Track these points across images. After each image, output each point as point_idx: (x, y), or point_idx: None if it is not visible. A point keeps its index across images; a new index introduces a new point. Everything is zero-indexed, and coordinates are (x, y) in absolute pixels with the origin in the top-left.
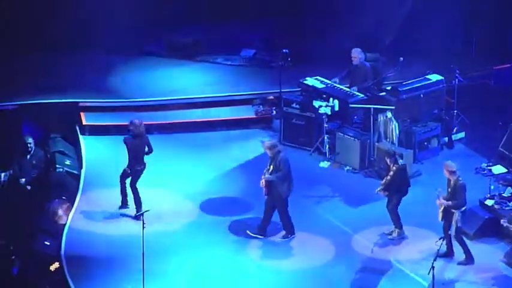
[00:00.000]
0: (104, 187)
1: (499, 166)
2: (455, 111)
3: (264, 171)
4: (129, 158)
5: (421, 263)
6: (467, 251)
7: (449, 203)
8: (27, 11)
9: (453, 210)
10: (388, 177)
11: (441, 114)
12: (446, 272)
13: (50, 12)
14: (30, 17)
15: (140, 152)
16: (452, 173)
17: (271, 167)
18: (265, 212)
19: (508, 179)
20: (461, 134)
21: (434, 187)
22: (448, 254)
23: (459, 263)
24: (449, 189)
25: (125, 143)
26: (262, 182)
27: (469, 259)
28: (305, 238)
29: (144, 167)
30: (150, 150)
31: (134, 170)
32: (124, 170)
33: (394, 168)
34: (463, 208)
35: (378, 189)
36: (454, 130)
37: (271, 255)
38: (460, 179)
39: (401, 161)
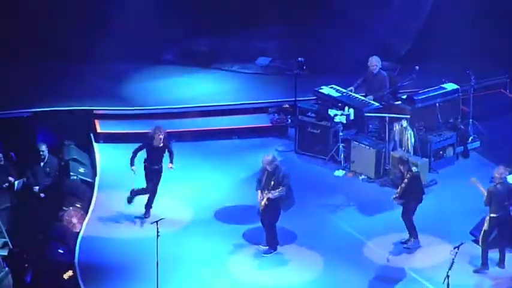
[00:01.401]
0: (118, 195)
1: None
2: (470, 120)
3: (260, 189)
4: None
5: (436, 272)
6: (485, 258)
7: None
8: (46, 19)
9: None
10: (403, 184)
11: (457, 123)
12: (462, 279)
13: (67, 21)
14: (48, 25)
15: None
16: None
17: (272, 182)
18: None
19: None
20: (477, 143)
21: (449, 196)
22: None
23: (475, 271)
24: None
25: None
26: (265, 201)
27: (484, 266)
28: (320, 247)
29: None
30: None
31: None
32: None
33: (408, 175)
34: (493, 215)
35: (393, 196)
36: (470, 139)
37: (284, 265)
38: (494, 185)
39: (415, 168)
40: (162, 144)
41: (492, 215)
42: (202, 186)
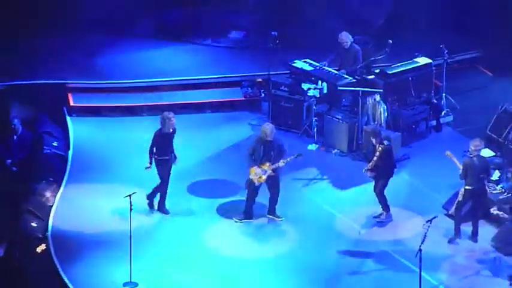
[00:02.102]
0: (91, 168)
1: (486, 149)
2: (443, 94)
3: (257, 164)
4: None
5: (409, 246)
6: (457, 229)
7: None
8: None
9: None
10: (375, 157)
11: (430, 98)
12: (435, 252)
13: None
14: None
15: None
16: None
17: (272, 152)
18: (252, 197)
19: (496, 162)
20: (450, 118)
21: (421, 170)
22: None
23: (449, 241)
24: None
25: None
26: (271, 172)
27: (457, 235)
28: (293, 220)
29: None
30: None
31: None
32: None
33: (379, 148)
34: (468, 187)
35: (365, 169)
36: (443, 113)
37: (257, 238)
38: (470, 158)
39: (386, 142)
40: (171, 129)
41: (467, 187)
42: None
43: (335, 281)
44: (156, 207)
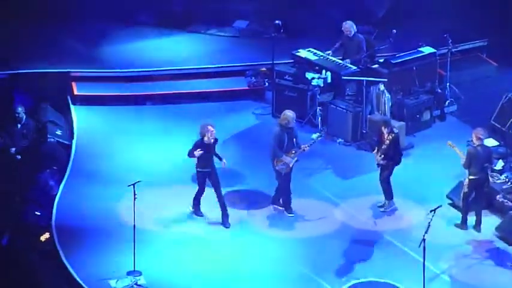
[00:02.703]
0: (95, 157)
1: (490, 139)
2: (447, 83)
3: (284, 154)
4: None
5: (413, 235)
6: (464, 217)
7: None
8: None
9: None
10: (384, 146)
11: (434, 87)
12: (439, 242)
13: None
14: None
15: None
16: (477, 139)
17: (295, 139)
18: (288, 187)
19: (500, 152)
20: (454, 107)
21: (426, 160)
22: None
23: (456, 225)
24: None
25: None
26: (296, 160)
27: (463, 225)
28: (296, 210)
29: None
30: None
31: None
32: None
33: (390, 137)
34: (472, 177)
35: (379, 158)
36: (447, 103)
37: (260, 227)
38: (474, 147)
39: (396, 130)
40: (213, 140)
41: (471, 177)
42: (180, 149)
43: (337, 270)
44: (201, 213)
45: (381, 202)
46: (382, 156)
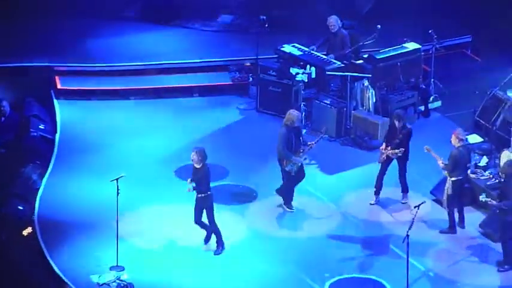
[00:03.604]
0: (78, 152)
1: (474, 135)
2: (432, 79)
3: (293, 153)
4: None
5: (396, 231)
6: (452, 221)
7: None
8: None
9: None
10: (397, 140)
11: (418, 83)
12: (423, 238)
13: None
14: None
15: None
16: (458, 140)
17: (301, 138)
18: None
19: (484, 148)
20: (438, 103)
21: (409, 155)
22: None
23: (441, 231)
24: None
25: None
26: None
27: (451, 229)
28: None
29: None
30: None
31: None
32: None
33: (403, 132)
34: (455, 178)
35: (397, 151)
36: (431, 99)
37: (245, 223)
38: (457, 149)
39: (408, 125)
40: (200, 165)
41: (455, 178)
42: (163, 144)
43: (320, 265)
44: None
45: (404, 199)
46: (399, 149)
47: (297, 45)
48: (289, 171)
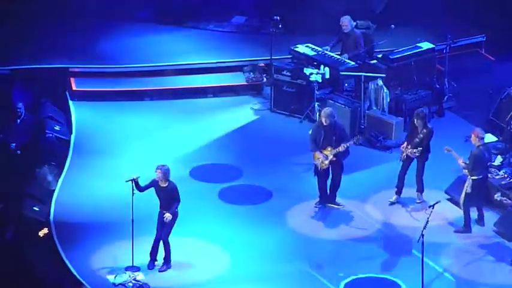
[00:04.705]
0: (93, 153)
1: (489, 135)
2: (446, 79)
3: (318, 149)
4: None
5: (411, 231)
6: (467, 220)
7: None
8: None
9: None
10: (417, 139)
11: (432, 82)
12: (438, 238)
13: None
14: None
15: None
16: (478, 139)
17: (334, 137)
18: (320, 182)
19: (499, 147)
20: (452, 102)
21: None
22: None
23: (456, 231)
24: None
25: None
26: (332, 158)
27: (467, 228)
28: (295, 206)
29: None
30: None
31: None
32: None
33: (424, 131)
34: (476, 177)
35: (415, 150)
36: (445, 98)
37: (259, 223)
38: (477, 148)
39: (430, 125)
40: (166, 184)
41: (476, 177)
42: (178, 145)
43: (337, 264)
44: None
45: (419, 198)
46: (417, 149)
47: (310, 45)
48: (315, 166)
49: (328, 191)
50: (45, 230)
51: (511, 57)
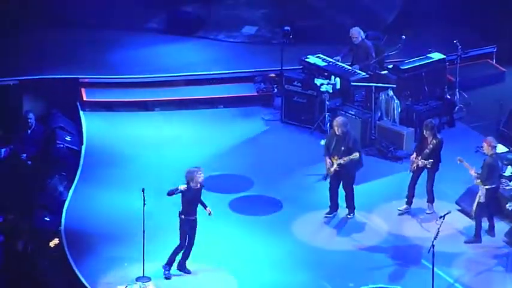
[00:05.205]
0: (104, 163)
1: (500, 145)
2: (456, 89)
3: (328, 155)
4: None
5: (422, 241)
6: (478, 230)
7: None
8: None
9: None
10: (427, 150)
11: (443, 93)
12: (448, 248)
13: None
14: None
15: None
16: (491, 148)
17: (343, 148)
18: (329, 188)
19: (509, 158)
20: (463, 113)
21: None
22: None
23: (466, 241)
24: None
25: None
26: (336, 167)
27: (477, 238)
28: (306, 216)
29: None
30: None
31: None
32: None
33: (434, 141)
34: (489, 186)
35: (426, 162)
36: (456, 109)
37: (269, 233)
38: (490, 157)
39: (439, 135)
40: (200, 185)
41: (489, 186)
42: (188, 155)
43: (347, 275)
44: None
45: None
46: (427, 161)
47: (321, 55)
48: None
49: (337, 201)
50: (56, 241)
51: None
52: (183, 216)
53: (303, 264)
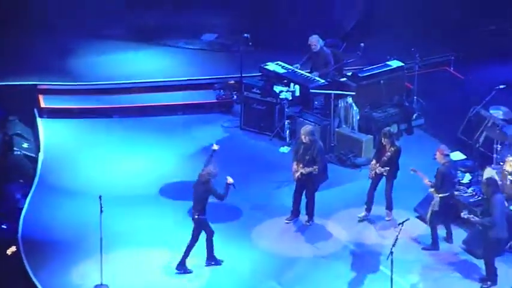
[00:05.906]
0: (62, 170)
1: (457, 152)
2: (415, 97)
3: (295, 160)
4: None
5: (380, 248)
6: (435, 237)
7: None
8: None
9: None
10: (385, 158)
11: (401, 100)
12: (406, 255)
13: None
14: None
15: None
16: (444, 156)
17: (307, 157)
18: (298, 197)
19: (467, 165)
20: (421, 120)
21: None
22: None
23: (423, 248)
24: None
25: None
26: (299, 175)
27: (434, 246)
28: (265, 224)
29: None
30: None
31: None
32: None
33: (392, 149)
34: (443, 194)
35: (383, 169)
36: (414, 116)
37: (228, 242)
38: (443, 165)
39: (397, 143)
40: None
41: (443, 194)
42: (147, 162)
43: (306, 283)
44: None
45: (389, 216)
46: (384, 168)
47: (280, 63)
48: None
49: (299, 207)
50: (13, 248)
51: (479, 76)
52: (201, 217)
53: (262, 272)
